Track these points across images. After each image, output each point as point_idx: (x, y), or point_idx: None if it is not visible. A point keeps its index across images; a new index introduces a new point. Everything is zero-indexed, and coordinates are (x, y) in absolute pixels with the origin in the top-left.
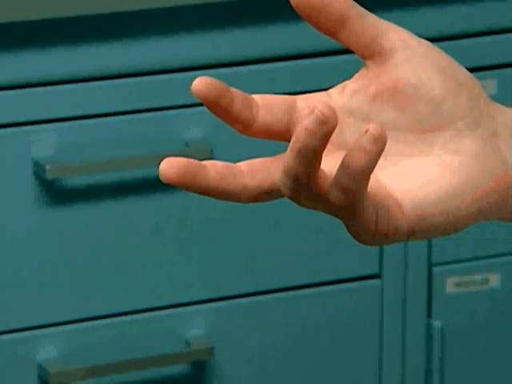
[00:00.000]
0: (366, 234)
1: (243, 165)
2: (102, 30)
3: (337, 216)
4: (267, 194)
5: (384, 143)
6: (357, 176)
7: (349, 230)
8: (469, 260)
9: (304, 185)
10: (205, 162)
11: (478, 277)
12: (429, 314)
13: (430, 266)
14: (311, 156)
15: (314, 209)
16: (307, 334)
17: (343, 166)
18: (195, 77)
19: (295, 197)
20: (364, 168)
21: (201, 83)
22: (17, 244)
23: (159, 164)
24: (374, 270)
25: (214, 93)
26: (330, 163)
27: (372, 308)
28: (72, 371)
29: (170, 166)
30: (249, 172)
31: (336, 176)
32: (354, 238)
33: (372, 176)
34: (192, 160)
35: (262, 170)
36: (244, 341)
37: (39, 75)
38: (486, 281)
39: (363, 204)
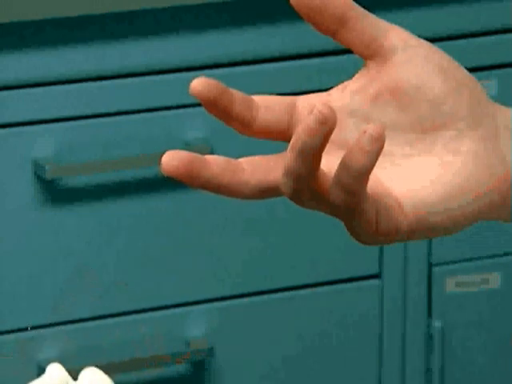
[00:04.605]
0: (366, 234)
1: (244, 161)
2: (102, 29)
3: (337, 216)
4: (267, 192)
5: (382, 143)
6: (356, 175)
7: (349, 230)
8: (469, 260)
9: (305, 185)
10: (206, 156)
11: (477, 277)
12: (429, 314)
13: (430, 265)
14: (311, 155)
15: (314, 209)
16: (307, 334)
17: (343, 165)
18: (195, 77)
19: (296, 197)
20: (363, 168)
21: (199, 84)
22: (16, 244)
23: (159, 164)
24: (374, 270)
25: (213, 93)
26: (330, 163)
27: (372, 308)
28: (72, 371)
29: (171, 159)
30: (249, 169)
31: (336, 176)
32: (355, 238)
33: (373, 176)
34: (194, 154)
35: (262, 167)
36: (244, 341)
37: (39, 75)
38: (486, 281)
39: (364, 204)
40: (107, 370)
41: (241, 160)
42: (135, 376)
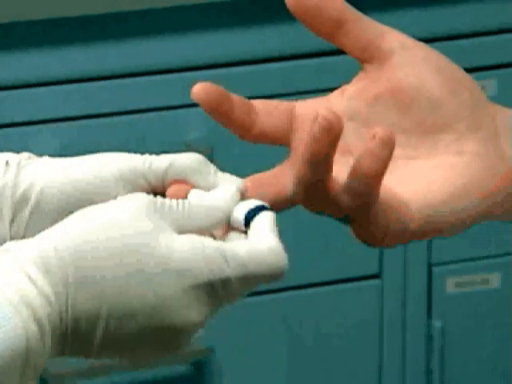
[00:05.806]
0: (375, 237)
1: (248, 181)
2: (102, 30)
3: (347, 221)
4: (273, 207)
5: (393, 146)
6: (369, 180)
7: (357, 235)
8: (469, 260)
9: (316, 192)
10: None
11: (477, 277)
12: (429, 314)
13: (430, 265)
14: (321, 163)
15: (326, 214)
16: (307, 334)
17: (354, 171)
18: (195, 77)
19: (308, 204)
20: (376, 172)
21: (201, 89)
22: None
23: None
24: (374, 270)
25: (215, 99)
26: (334, 169)
27: (372, 308)
28: (72, 371)
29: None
30: (254, 188)
31: (348, 182)
32: (363, 241)
33: None
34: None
35: (266, 184)
36: (244, 341)
37: (39, 75)
38: (486, 281)
39: (375, 208)
40: (106, 369)
41: (245, 180)
42: (135, 376)
